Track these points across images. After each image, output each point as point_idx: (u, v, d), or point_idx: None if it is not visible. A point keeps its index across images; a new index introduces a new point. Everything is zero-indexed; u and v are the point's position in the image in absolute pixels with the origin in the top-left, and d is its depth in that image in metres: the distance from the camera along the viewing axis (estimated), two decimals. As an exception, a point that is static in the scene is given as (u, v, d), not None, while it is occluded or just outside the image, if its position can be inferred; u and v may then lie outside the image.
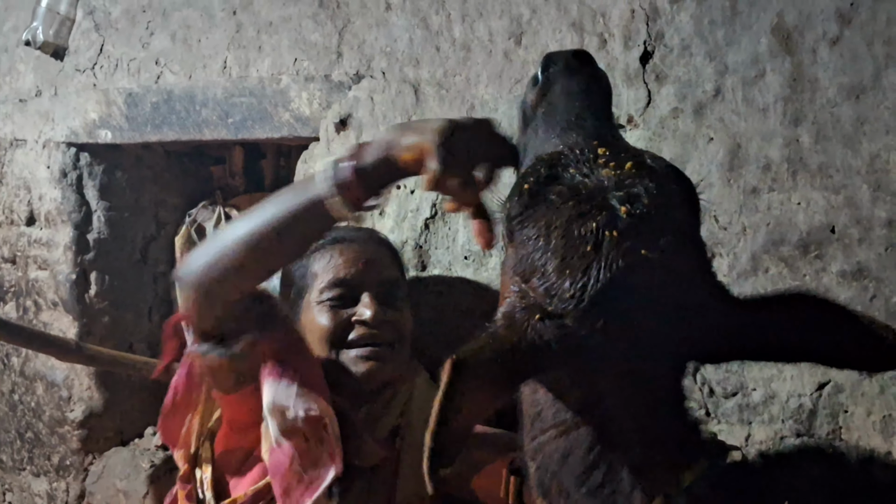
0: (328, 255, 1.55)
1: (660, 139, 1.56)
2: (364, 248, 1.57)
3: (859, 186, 1.39)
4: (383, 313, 1.50)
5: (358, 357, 1.49)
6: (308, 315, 1.53)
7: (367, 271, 1.54)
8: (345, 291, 1.52)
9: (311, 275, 1.55)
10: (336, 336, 1.49)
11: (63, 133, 2.60)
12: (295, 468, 1.35)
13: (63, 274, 2.62)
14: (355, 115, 1.93)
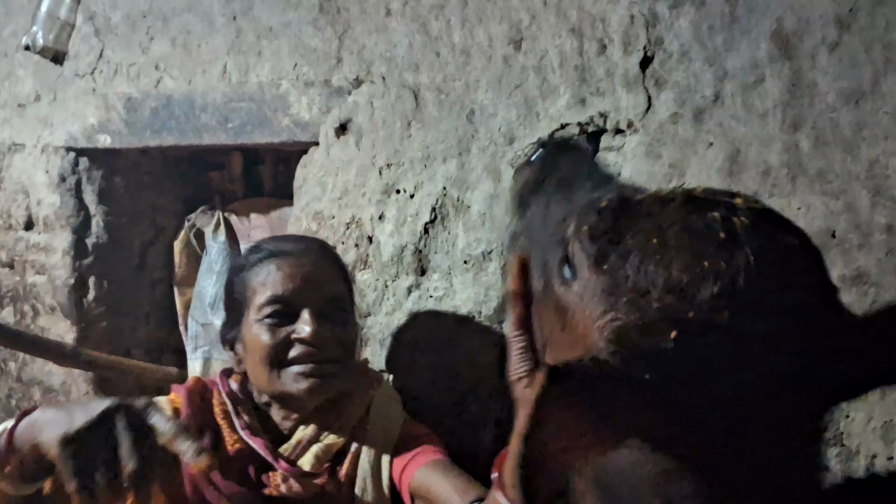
0: (266, 270, 1.50)
1: (659, 144, 1.56)
2: (304, 263, 1.51)
3: (859, 192, 1.39)
4: (324, 330, 1.46)
5: (298, 375, 1.44)
6: (249, 332, 1.48)
7: (307, 287, 1.48)
8: (283, 308, 1.47)
9: (250, 290, 1.50)
10: (276, 355, 1.45)
11: (62, 138, 2.60)
12: None
13: (61, 279, 2.62)
14: (355, 120, 1.93)
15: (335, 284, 1.55)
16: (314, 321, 1.45)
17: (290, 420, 1.51)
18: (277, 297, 1.47)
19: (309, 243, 1.59)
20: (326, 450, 1.48)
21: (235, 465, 1.46)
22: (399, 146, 1.87)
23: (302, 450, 1.48)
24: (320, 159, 1.99)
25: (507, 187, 1.74)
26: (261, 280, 1.49)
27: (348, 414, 1.54)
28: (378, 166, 1.90)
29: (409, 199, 1.87)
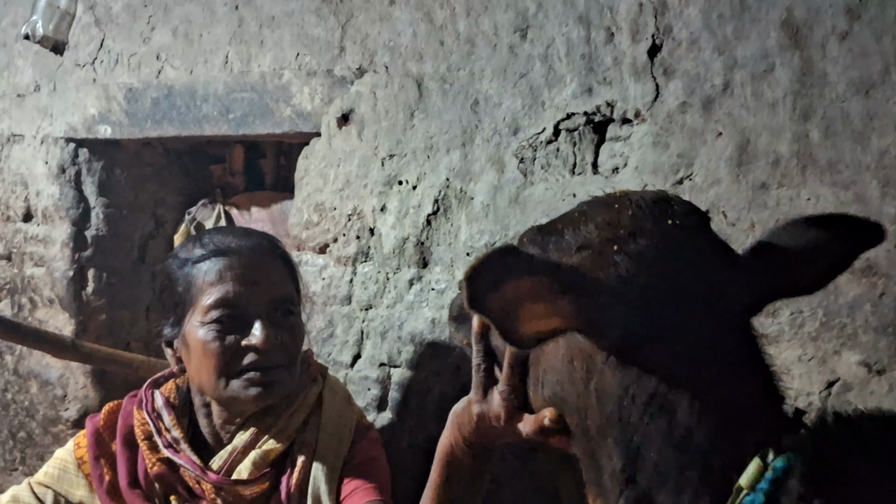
0: (215, 270, 1.43)
1: (667, 134, 1.54)
2: (253, 263, 1.46)
3: (868, 182, 1.37)
4: (274, 337, 1.42)
5: (247, 382, 1.41)
6: (194, 334, 1.43)
7: (257, 290, 1.44)
8: (233, 312, 1.42)
9: (196, 288, 1.44)
10: (226, 364, 1.41)
11: (62, 128, 2.57)
12: None
13: (60, 271, 2.59)
14: (357, 110, 1.91)
15: (284, 285, 1.50)
16: (265, 328, 1.41)
17: (232, 424, 1.48)
18: (226, 300, 1.41)
19: (257, 240, 1.53)
20: (265, 455, 1.44)
21: (163, 485, 1.44)
22: (402, 137, 1.85)
23: (239, 456, 1.44)
24: (322, 150, 1.97)
25: (511, 178, 1.72)
26: (209, 279, 1.43)
27: (289, 417, 1.50)
28: (380, 157, 1.88)
29: (412, 191, 1.85)
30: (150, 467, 1.43)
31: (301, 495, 1.45)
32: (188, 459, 1.43)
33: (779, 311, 1.43)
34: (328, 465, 1.47)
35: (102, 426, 1.52)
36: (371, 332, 1.93)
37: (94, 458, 1.48)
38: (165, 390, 1.55)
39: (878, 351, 1.35)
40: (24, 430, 2.76)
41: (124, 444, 1.48)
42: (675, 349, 0.86)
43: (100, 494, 1.45)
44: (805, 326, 1.41)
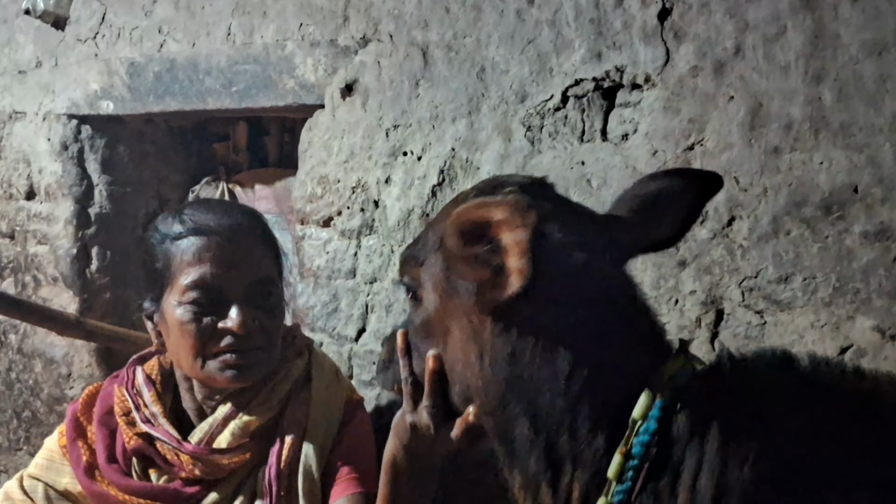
0: (192, 250, 1.40)
1: (678, 99, 1.51)
2: (232, 244, 1.41)
3: (882, 145, 1.35)
4: (251, 319, 1.39)
5: (223, 364, 1.39)
6: (171, 313, 1.40)
7: (235, 271, 1.40)
8: (210, 294, 1.39)
9: (174, 266, 1.41)
10: (202, 346, 1.39)
11: (64, 105, 2.55)
12: None
13: (63, 248, 2.58)
14: (361, 80, 1.89)
15: (264, 265, 1.46)
16: (241, 312, 1.38)
17: (213, 399, 1.47)
18: (204, 282, 1.38)
19: (237, 218, 1.48)
20: (245, 427, 1.42)
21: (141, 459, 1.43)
22: (407, 106, 1.83)
23: (219, 428, 1.43)
24: (326, 122, 1.95)
25: (518, 147, 1.70)
26: (186, 259, 1.39)
27: (270, 390, 1.48)
28: (385, 128, 1.86)
29: (417, 162, 1.83)
30: (127, 442, 1.42)
31: (291, 473, 1.43)
32: (165, 432, 1.42)
33: (791, 277, 1.41)
34: (319, 444, 1.46)
35: (81, 410, 1.51)
36: (376, 306, 1.91)
37: (71, 441, 1.48)
38: (148, 367, 1.54)
39: (892, 316, 1.33)
40: (29, 409, 2.75)
41: (101, 423, 1.47)
42: (549, 304, 0.90)
43: (78, 476, 1.44)
44: (818, 292, 1.39)
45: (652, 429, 0.83)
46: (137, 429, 1.43)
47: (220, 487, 1.41)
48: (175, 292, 1.39)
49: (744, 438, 0.80)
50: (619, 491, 0.84)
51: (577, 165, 1.63)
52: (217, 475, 1.41)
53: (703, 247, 1.50)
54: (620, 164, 1.58)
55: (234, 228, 1.43)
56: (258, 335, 1.41)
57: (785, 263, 1.42)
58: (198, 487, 1.40)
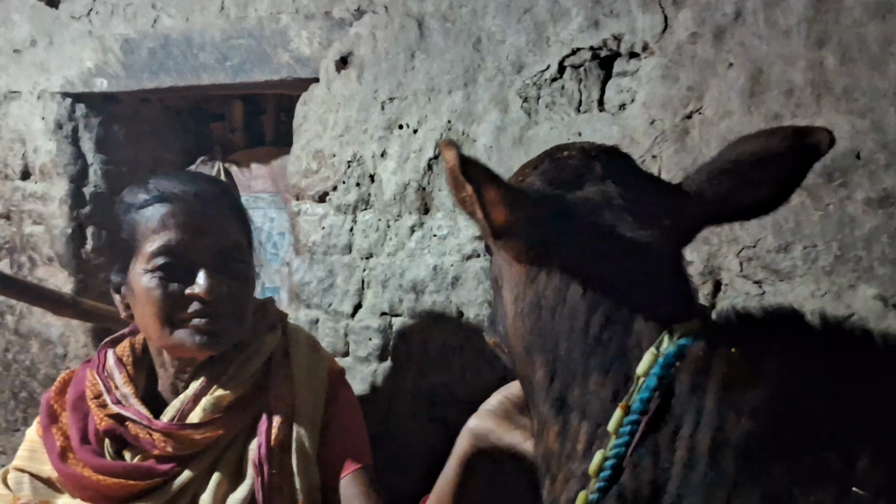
0: (157, 217, 1.37)
1: (677, 66, 1.48)
2: (198, 210, 1.39)
3: (886, 110, 1.32)
4: (219, 286, 1.36)
5: (192, 330, 1.36)
6: (138, 281, 1.38)
7: (201, 238, 1.38)
8: (176, 261, 1.36)
9: (139, 234, 1.38)
10: (169, 313, 1.36)
11: (58, 83, 2.53)
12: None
13: (58, 228, 2.56)
14: (356, 52, 1.86)
15: (231, 233, 1.44)
16: (209, 277, 1.35)
17: (185, 373, 1.45)
18: (169, 248, 1.35)
19: (204, 184, 1.46)
20: (217, 402, 1.40)
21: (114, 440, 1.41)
22: (402, 79, 1.80)
23: (190, 405, 1.41)
24: (321, 95, 1.92)
25: (515, 118, 1.67)
26: (151, 226, 1.37)
27: (241, 364, 1.46)
28: (380, 101, 1.83)
29: (413, 135, 1.80)
30: (98, 423, 1.41)
31: (283, 452, 1.41)
32: (135, 411, 1.40)
33: (791, 245, 1.38)
34: (308, 420, 1.45)
35: (54, 397, 1.50)
36: (372, 281, 1.89)
37: (45, 428, 1.46)
38: (119, 349, 1.52)
39: (895, 284, 1.30)
40: (26, 389, 2.74)
41: (73, 408, 1.45)
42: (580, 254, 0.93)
43: (52, 461, 1.42)
44: (819, 261, 1.36)
45: (652, 385, 0.83)
46: (108, 410, 1.41)
47: (195, 464, 1.39)
48: (141, 260, 1.37)
49: (743, 392, 0.78)
50: (617, 444, 0.84)
51: (574, 136, 1.60)
52: (190, 451, 1.39)
53: (702, 217, 1.46)
54: (618, 135, 1.55)
55: (200, 195, 1.41)
56: (227, 302, 1.38)
57: (785, 232, 1.39)
58: (172, 465, 1.38)
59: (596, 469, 0.85)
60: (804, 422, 0.75)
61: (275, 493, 1.37)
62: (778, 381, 0.78)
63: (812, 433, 0.74)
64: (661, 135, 1.51)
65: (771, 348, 0.81)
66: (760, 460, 0.75)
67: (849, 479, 0.72)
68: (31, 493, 1.43)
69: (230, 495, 1.37)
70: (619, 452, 0.83)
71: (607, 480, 0.84)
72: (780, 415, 0.76)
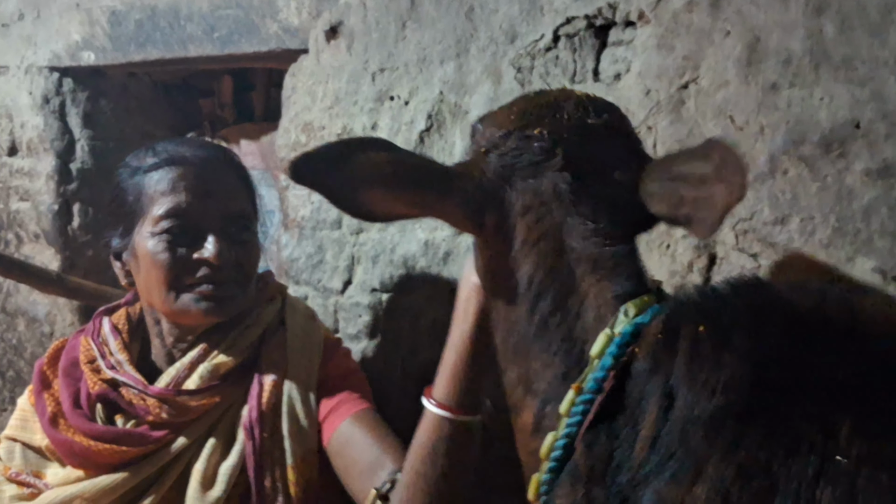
0: (167, 178, 1.36)
1: (673, 35, 1.45)
2: (208, 174, 1.38)
3: (886, 78, 1.28)
4: (226, 251, 1.35)
5: (198, 295, 1.35)
6: (143, 245, 1.36)
7: (211, 202, 1.36)
8: (184, 223, 1.35)
9: (146, 197, 1.37)
10: (175, 277, 1.34)
11: (45, 57, 2.49)
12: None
13: (45, 205, 2.53)
14: (347, 22, 1.82)
15: (239, 200, 1.42)
16: (218, 242, 1.34)
17: (184, 341, 1.42)
18: (178, 210, 1.34)
19: (212, 150, 1.45)
20: (214, 369, 1.38)
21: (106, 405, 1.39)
22: (393, 49, 1.76)
23: (187, 372, 1.39)
24: (310, 66, 1.88)
25: (508, 89, 1.63)
26: (161, 188, 1.35)
27: (240, 333, 1.43)
28: (371, 72, 1.79)
29: (404, 107, 1.76)
30: (91, 388, 1.38)
31: (274, 415, 1.38)
32: (130, 377, 1.38)
33: (788, 218, 1.36)
34: (301, 383, 1.41)
35: (47, 363, 1.48)
36: (362, 257, 1.86)
37: (37, 394, 1.44)
38: (115, 317, 1.50)
39: (894, 256, 1.27)
40: (13, 368, 2.71)
41: (66, 374, 1.44)
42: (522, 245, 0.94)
43: (43, 426, 1.40)
44: (816, 234, 1.33)
45: (607, 365, 0.82)
46: (102, 375, 1.39)
47: (189, 432, 1.36)
48: (148, 223, 1.35)
49: (712, 369, 0.75)
50: (569, 424, 0.83)
51: (568, 108, 1.57)
52: (185, 418, 1.36)
53: (698, 189, 1.44)
54: (613, 106, 1.52)
55: (210, 160, 1.39)
56: (234, 269, 1.37)
57: (781, 204, 1.36)
58: (166, 431, 1.36)
59: (547, 451, 0.85)
60: (778, 394, 0.72)
61: (266, 457, 1.35)
62: (748, 354, 0.75)
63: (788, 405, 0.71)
64: (657, 105, 1.47)
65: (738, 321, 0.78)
66: (734, 435, 0.72)
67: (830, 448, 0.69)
68: (22, 462, 1.41)
69: (222, 463, 1.35)
70: (570, 432, 0.83)
71: (558, 461, 0.83)
72: (752, 388, 0.73)
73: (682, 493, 0.72)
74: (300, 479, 1.35)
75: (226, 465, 1.34)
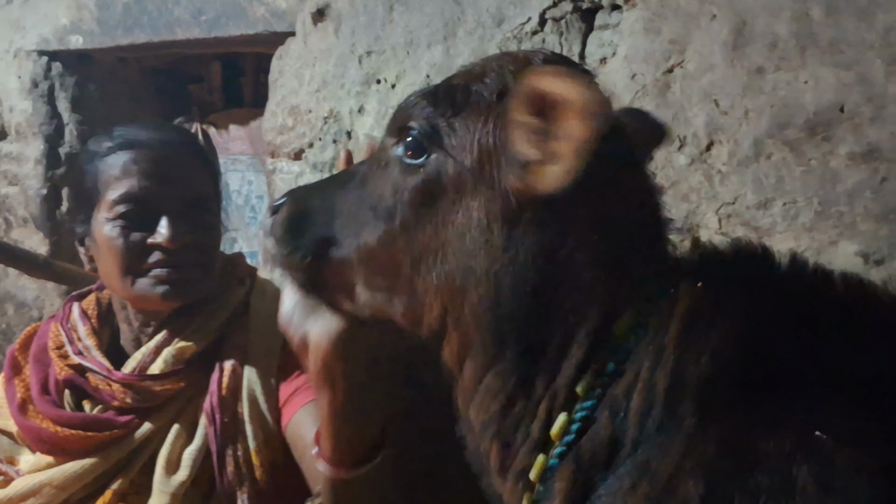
0: (120, 163, 1.33)
1: (659, 19, 1.44)
2: (163, 158, 1.35)
3: (872, 61, 1.28)
4: (182, 236, 1.32)
5: (155, 279, 1.32)
6: (101, 230, 1.34)
7: (166, 186, 1.33)
8: (139, 209, 1.32)
9: (102, 182, 1.34)
10: (131, 262, 1.32)
11: (34, 41, 2.48)
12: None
13: (33, 189, 2.52)
14: (334, 5, 1.81)
15: (198, 183, 1.39)
16: (172, 226, 1.31)
17: (149, 326, 1.41)
18: (131, 195, 1.31)
19: (171, 133, 1.42)
20: (179, 353, 1.36)
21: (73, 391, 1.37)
22: (380, 32, 1.75)
23: (152, 356, 1.37)
24: (297, 49, 1.88)
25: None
26: (114, 174, 1.33)
27: (206, 317, 1.41)
28: (358, 55, 1.79)
29: (391, 90, 1.75)
30: (58, 373, 1.37)
31: (234, 399, 1.37)
32: (96, 362, 1.36)
33: (771, 202, 1.35)
34: (261, 368, 1.39)
35: (18, 349, 1.47)
36: (348, 242, 1.85)
37: (8, 381, 1.43)
38: (85, 303, 1.49)
39: (877, 240, 1.27)
40: (2, 353, 2.70)
41: (36, 360, 1.42)
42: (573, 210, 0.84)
43: (11, 412, 1.39)
44: (799, 217, 1.33)
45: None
46: (69, 360, 1.37)
47: (155, 417, 1.35)
48: (104, 209, 1.33)
49: (703, 332, 0.74)
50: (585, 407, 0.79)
51: (554, 92, 1.56)
52: (150, 403, 1.35)
53: (681, 173, 1.43)
54: (599, 90, 1.51)
55: (166, 143, 1.37)
56: (192, 253, 1.34)
57: (765, 188, 1.36)
58: (131, 416, 1.34)
59: (560, 432, 0.79)
60: (766, 364, 0.72)
61: (227, 441, 1.33)
62: (740, 321, 0.74)
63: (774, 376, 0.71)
64: (642, 89, 1.47)
65: (734, 286, 0.78)
66: (718, 405, 0.72)
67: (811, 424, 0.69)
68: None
69: (186, 448, 1.34)
70: (585, 416, 0.78)
71: (569, 445, 0.78)
72: (740, 357, 0.72)
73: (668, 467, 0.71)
74: (264, 461, 1.34)
75: (189, 450, 1.33)
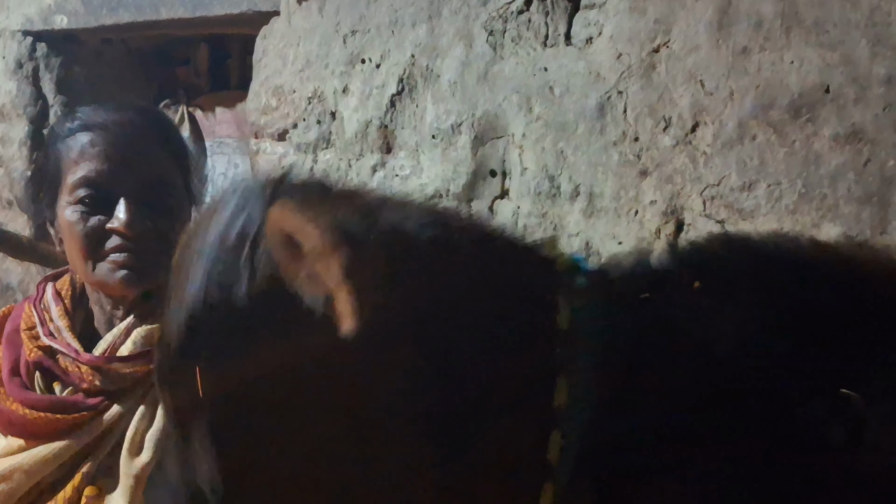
0: (79, 146, 1.30)
1: (644, 0, 1.43)
2: (123, 140, 1.30)
3: (857, 42, 1.27)
4: (141, 220, 1.27)
5: (113, 265, 1.27)
6: (63, 215, 1.30)
7: (124, 169, 1.29)
8: (98, 193, 1.27)
9: (64, 165, 1.30)
10: (90, 247, 1.27)
11: (18, 21, 2.46)
12: None
13: (18, 171, 2.50)
14: (319, -16, 1.79)
15: (159, 164, 1.34)
16: (130, 211, 1.26)
17: (119, 309, 1.40)
18: (89, 179, 1.27)
19: (130, 113, 1.36)
20: (148, 335, 1.31)
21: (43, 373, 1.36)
22: (365, 11, 1.74)
23: (122, 339, 1.33)
24: (281, 29, 1.86)
25: (480, 53, 1.61)
26: (73, 157, 1.29)
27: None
28: (342, 34, 1.77)
29: (375, 70, 1.74)
30: (28, 355, 1.36)
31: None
32: (65, 344, 1.34)
33: (755, 184, 1.34)
34: None
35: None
36: (332, 224, 1.84)
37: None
38: (59, 284, 1.47)
39: (860, 222, 1.26)
40: (-15, 337, 2.69)
41: (8, 341, 1.40)
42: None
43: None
44: (783, 199, 1.32)
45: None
46: (40, 342, 1.36)
47: (124, 400, 1.34)
48: (65, 193, 1.31)
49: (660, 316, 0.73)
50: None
51: (539, 72, 1.55)
52: (119, 385, 1.33)
53: (666, 155, 1.42)
54: (584, 71, 1.50)
55: (125, 124, 1.33)
56: (153, 238, 1.32)
57: (749, 170, 1.35)
58: (100, 399, 1.33)
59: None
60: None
61: None
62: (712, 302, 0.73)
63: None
64: (628, 70, 1.45)
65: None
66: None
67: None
68: None
69: (149, 429, 1.33)
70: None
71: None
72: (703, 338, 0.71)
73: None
74: None
75: (151, 431, 1.32)
